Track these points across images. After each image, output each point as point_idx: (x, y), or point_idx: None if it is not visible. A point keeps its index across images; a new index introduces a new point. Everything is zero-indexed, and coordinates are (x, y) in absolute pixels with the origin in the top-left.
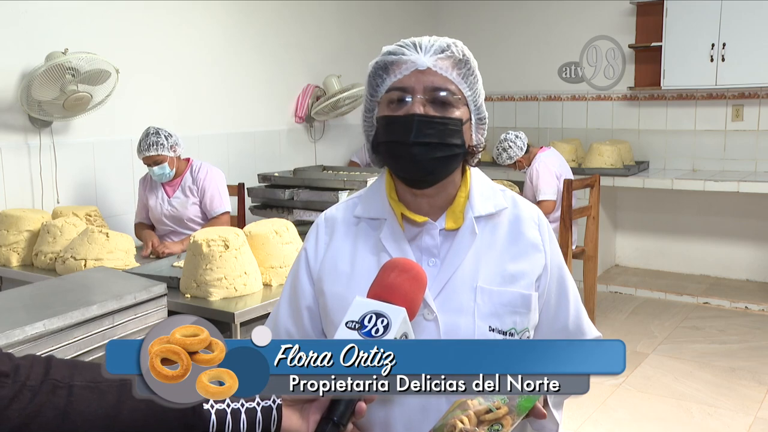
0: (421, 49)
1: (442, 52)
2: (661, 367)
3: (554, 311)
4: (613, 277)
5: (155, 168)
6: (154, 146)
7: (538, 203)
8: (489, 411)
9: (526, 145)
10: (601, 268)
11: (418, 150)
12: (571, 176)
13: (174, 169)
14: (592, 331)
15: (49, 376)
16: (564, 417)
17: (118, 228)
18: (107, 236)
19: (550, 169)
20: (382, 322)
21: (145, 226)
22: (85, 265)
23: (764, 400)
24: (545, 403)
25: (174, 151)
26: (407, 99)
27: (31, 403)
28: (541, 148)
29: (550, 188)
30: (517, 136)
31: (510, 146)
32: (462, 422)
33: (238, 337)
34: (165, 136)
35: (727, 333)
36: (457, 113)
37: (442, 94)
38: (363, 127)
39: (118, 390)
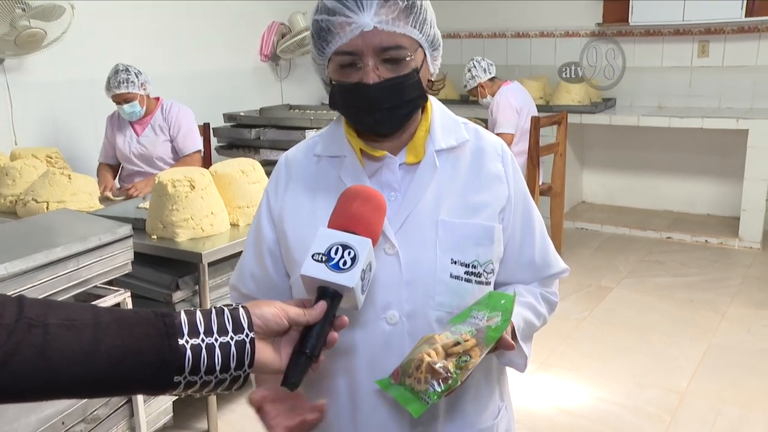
0: (362, 6)
1: (386, 1)
2: (625, 301)
3: (519, 244)
4: (580, 213)
5: (125, 106)
6: (125, 83)
7: (498, 136)
8: (457, 344)
9: (491, 71)
10: (568, 204)
11: (381, 115)
12: (535, 112)
13: (144, 108)
14: (558, 264)
15: (23, 315)
16: (531, 352)
17: (81, 170)
18: (69, 178)
19: (511, 103)
20: (349, 253)
21: (107, 167)
22: (47, 208)
23: (718, 328)
24: (513, 336)
25: (144, 89)
26: (358, 64)
27: (9, 342)
28: (506, 82)
29: (508, 122)
30: (483, 59)
31: (474, 66)
32: (429, 356)
33: (206, 277)
34: (135, 73)
35: (687, 266)
36: (412, 63)
37: (393, 51)
38: (315, 69)
39: (94, 328)
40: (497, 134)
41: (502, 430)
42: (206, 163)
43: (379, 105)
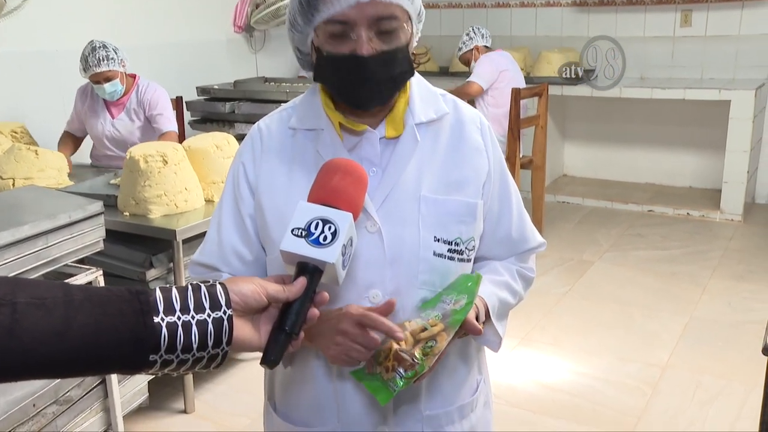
0: None
1: None
2: (606, 275)
3: (497, 218)
4: (561, 187)
5: (106, 85)
6: (105, 61)
7: (467, 83)
8: (424, 329)
9: (489, 40)
10: (550, 178)
11: (372, 87)
12: (522, 84)
13: (124, 86)
14: (535, 238)
15: None
16: (511, 325)
17: (48, 145)
18: (36, 154)
19: (494, 62)
20: (330, 228)
21: (71, 138)
22: (13, 185)
23: (699, 300)
24: (487, 317)
25: (123, 66)
26: (351, 35)
27: None
28: (499, 50)
29: (484, 73)
30: (483, 27)
31: (474, 31)
32: (398, 343)
33: (181, 254)
34: (113, 49)
35: (669, 239)
36: (403, 37)
37: (387, 23)
38: (292, 39)
39: (65, 306)
40: (468, 81)
41: (481, 404)
42: (179, 137)
43: (372, 78)
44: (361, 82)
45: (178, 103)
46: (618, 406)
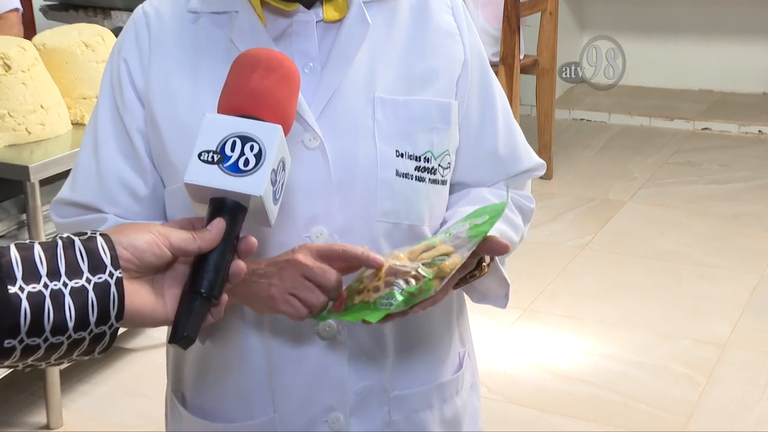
0: None
1: None
2: (641, 219)
3: (478, 130)
4: (578, 98)
5: None
6: None
7: None
8: (428, 249)
9: None
10: (562, 86)
11: None
12: None
13: None
14: (531, 158)
15: None
16: (511, 291)
17: None
18: None
19: None
20: (252, 148)
21: None
22: None
23: None
24: (491, 259)
25: None
26: None
27: None
28: None
29: None
30: None
31: None
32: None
33: (37, 201)
34: None
35: (732, 168)
36: None
37: None
38: None
39: None
40: None
41: (467, 386)
42: (28, 32)
43: None
44: None
45: None
46: (660, 400)
